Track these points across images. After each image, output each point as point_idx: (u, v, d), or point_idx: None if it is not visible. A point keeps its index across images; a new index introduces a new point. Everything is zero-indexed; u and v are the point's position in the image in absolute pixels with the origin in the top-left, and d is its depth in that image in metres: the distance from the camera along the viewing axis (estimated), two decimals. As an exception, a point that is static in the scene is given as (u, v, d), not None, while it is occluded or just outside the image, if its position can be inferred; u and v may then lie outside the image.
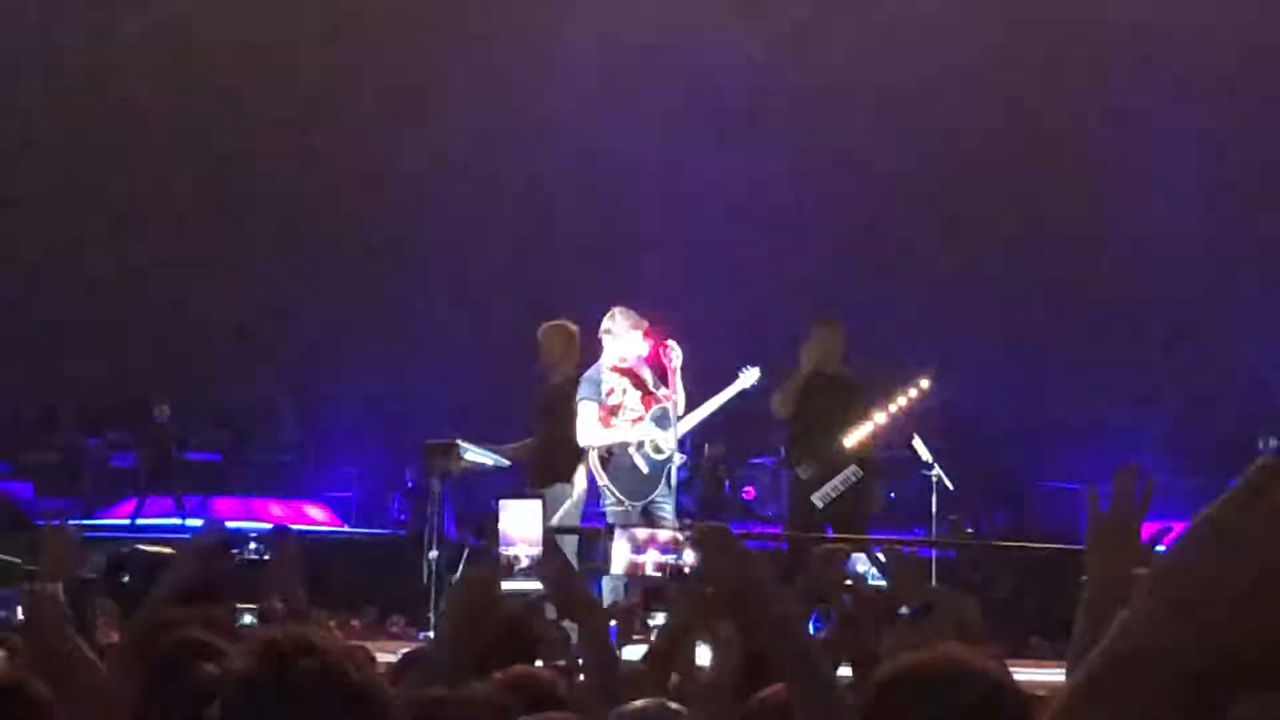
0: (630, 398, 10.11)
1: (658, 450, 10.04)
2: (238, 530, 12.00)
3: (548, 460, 10.23)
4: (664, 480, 10.04)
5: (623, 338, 10.01)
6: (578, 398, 9.97)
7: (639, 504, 9.93)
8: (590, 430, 9.94)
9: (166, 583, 3.35)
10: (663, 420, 10.11)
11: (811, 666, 2.47)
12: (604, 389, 9.99)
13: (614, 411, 10.03)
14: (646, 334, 10.09)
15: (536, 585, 2.75)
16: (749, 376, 10.50)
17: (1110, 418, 17.88)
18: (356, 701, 2.44)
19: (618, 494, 9.91)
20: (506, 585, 2.73)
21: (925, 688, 2.34)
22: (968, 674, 2.37)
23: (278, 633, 3.41)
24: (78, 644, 3.05)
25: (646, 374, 10.18)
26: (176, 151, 18.61)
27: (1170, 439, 17.83)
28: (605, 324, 10.08)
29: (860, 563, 7.45)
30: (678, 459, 10.16)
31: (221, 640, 3.24)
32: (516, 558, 7.67)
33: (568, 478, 10.12)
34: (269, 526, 14.48)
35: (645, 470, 9.99)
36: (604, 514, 10.08)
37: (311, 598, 3.57)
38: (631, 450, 9.98)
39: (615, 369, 10.10)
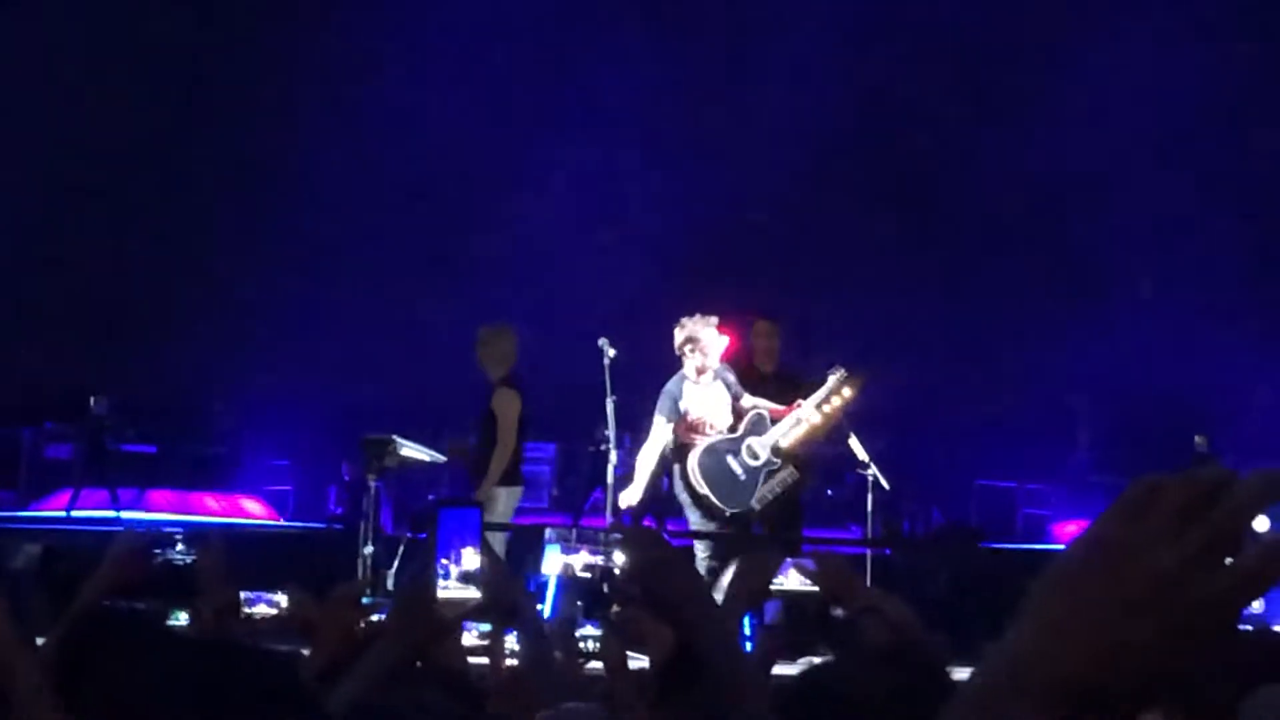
0: (717, 411, 9.93)
1: (754, 456, 9.91)
2: (162, 528, 11.89)
3: (483, 463, 10.19)
4: (759, 486, 9.91)
5: (705, 343, 9.83)
6: (658, 411, 9.83)
7: (734, 511, 9.80)
8: (650, 447, 9.82)
9: (91, 588, 3.33)
10: (759, 425, 9.96)
11: (740, 669, 2.48)
12: (683, 405, 9.83)
13: (695, 428, 9.85)
14: (721, 329, 9.95)
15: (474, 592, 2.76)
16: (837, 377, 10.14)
17: (1046, 416, 18.01)
18: (287, 702, 2.44)
19: (717, 501, 9.75)
20: (443, 593, 2.73)
21: (855, 680, 2.34)
22: (902, 661, 2.38)
23: (207, 633, 3.41)
24: (18, 639, 3.02)
25: (732, 378, 10.01)
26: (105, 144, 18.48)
27: (1101, 436, 17.99)
28: (680, 335, 9.87)
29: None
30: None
31: (152, 639, 3.22)
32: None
33: (503, 480, 10.10)
34: (194, 522, 14.29)
35: (742, 477, 9.86)
36: (689, 523, 9.87)
37: (245, 592, 3.55)
38: (729, 458, 9.87)
39: (699, 381, 9.90)
